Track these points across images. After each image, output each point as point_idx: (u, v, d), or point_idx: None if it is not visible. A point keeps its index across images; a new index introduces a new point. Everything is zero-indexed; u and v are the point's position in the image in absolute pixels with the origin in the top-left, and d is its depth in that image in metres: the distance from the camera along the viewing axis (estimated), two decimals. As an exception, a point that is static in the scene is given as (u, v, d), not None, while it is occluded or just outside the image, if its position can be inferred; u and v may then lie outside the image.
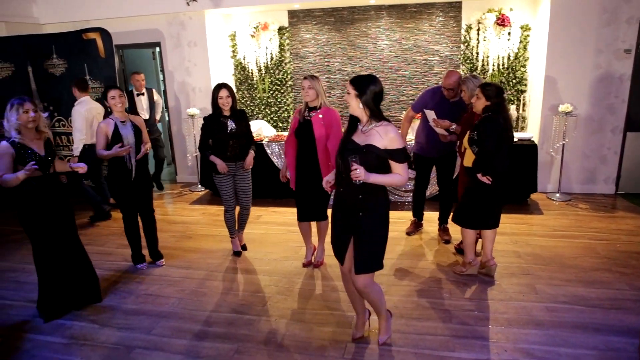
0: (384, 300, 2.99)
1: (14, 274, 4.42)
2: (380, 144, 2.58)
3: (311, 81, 3.76)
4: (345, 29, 6.71)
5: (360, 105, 2.62)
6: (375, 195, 2.68)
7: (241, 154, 4.20)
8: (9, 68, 6.10)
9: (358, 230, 2.70)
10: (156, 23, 6.75)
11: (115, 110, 3.99)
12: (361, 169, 2.49)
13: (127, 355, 3.10)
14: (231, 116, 4.10)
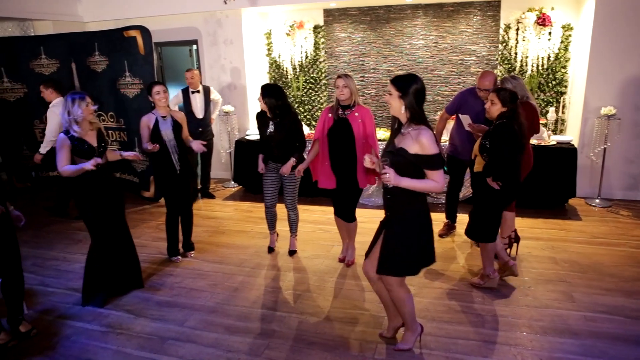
0: (413, 309, 2.89)
1: (56, 262, 4.59)
2: (412, 149, 2.52)
3: (345, 79, 3.76)
4: (380, 28, 6.68)
5: (402, 106, 2.56)
6: (403, 198, 2.61)
7: (284, 156, 4.15)
8: (54, 64, 6.32)
9: (386, 230, 2.72)
10: (194, 21, 6.87)
11: (157, 105, 4.11)
12: (391, 173, 2.46)
13: (161, 346, 3.18)
14: (274, 118, 4.07)
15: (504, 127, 3.42)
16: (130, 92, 5.95)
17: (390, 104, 2.61)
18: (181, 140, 4.22)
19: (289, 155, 4.15)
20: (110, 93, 6.05)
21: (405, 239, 2.67)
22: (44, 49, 6.25)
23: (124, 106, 6.08)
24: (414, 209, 2.66)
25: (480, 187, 3.57)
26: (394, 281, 2.77)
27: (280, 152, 4.14)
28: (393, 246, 2.68)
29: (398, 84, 2.57)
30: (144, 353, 3.12)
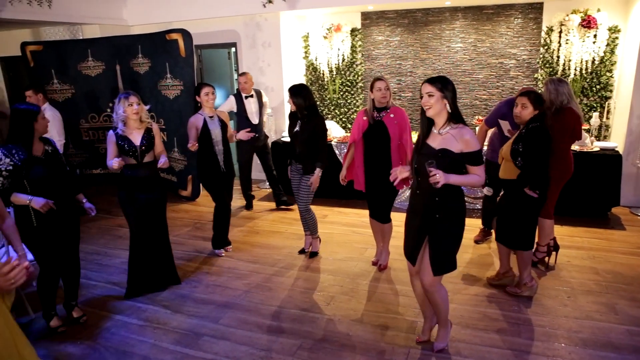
0: (448, 306, 2.94)
1: (98, 256, 4.76)
2: (456, 147, 2.57)
3: (387, 82, 3.79)
4: (418, 31, 6.63)
5: (446, 105, 2.60)
6: (452, 197, 2.68)
7: (307, 157, 4.16)
8: (100, 66, 6.57)
9: (434, 231, 2.71)
10: (233, 24, 7.00)
11: (205, 106, 4.27)
12: (440, 174, 2.49)
13: (196, 342, 3.26)
14: (302, 118, 4.12)
15: (538, 131, 3.35)
16: (170, 93, 6.12)
17: (431, 105, 2.60)
18: (226, 140, 4.37)
19: (310, 157, 4.15)
20: (152, 94, 6.23)
21: (455, 237, 2.75)
22: (91, 51, 6.51)
23: (164, 107, 6.25)
24: (460, 206, 2.74)
25: (513, 193, 3.49)
26: (437, 281, 2.79)
27: (302, 152, 4.16)
28: (446, 246, 2.73)
29: (438, 85, 2.59)
30: (179, 348, 3.21)
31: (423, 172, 2.60)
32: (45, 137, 3.30)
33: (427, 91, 2.60)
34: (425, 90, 2.62)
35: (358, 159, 4.02)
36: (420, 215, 2.75)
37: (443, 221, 2.68)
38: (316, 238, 4.55)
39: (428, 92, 2.60)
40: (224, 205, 4.53)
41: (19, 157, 3.03)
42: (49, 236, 3.20)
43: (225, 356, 3.09)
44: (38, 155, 3.17)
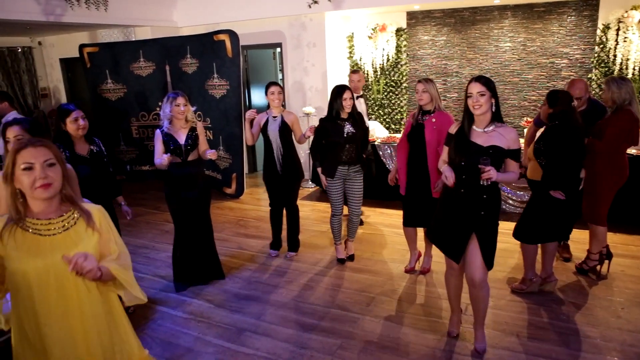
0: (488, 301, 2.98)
1: (146, 250, 4.94)
2: (504, 144, 2.65)
3: (425, 84, 3.68)
4: (465, 31, 6.50)
5: (492, 105, 2.65)
6: (496, 194, 2.76)
7: (356, 158, 4.12)
8: (151, 66, 6.80)
9: (481, 228, 2.74)
10: (279, 25, 7.09)
11: (271, 106, 4.26)
12: (493, 170, 2.55)
13: (238, 337, 3.32)
14: (349, 119, 4.05)
15: (555, 130, 3.30)
16: (217, 92, 6.26)
17: (482, 104, 2.62)
18: (287, 142, 4.27)
19: (359, 155, 4.14)
20: (199, 93, 6.40)
21: (497, 232, 2.83)
22: (143, 52, 6.75)
23: (210, 106, 6.40)
24: (499, 203, 2.82)
25: (540, 194, 3.47)
26: (486, 277, 2.83)
27: (354, 153, 4.09)
28: (493, 241, 2.80)
29: (489, 84, 2.63)
30: (221, 342, 3.28)
31: (471, 170, 2.63)
32: (91, 137, 3.42)
33: (478, 90, 2.60)
34: (475, 89, 2.60)
35: (401, 162, 3.95)
36: (465, 213, 2.76)
37: (488, 218, 2.74)
38: (353, 240, 4.51)
39: (479, 91, 2.59)
40: (274, 206, 4.53)
41: (65, 155, 3.16)
42: None
43: (266, 352, 3.14)
44: (83, 154, 3.29)
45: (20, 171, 1.67)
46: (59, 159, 1.73)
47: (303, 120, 6.93)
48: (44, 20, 5.86)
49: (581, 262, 4.03)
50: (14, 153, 1.67)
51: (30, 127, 2.64)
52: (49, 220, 1.75)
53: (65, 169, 1.75)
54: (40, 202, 1.73)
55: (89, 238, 1.81)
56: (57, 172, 1.72)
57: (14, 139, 2.59)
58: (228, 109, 6.16)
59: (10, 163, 1.67)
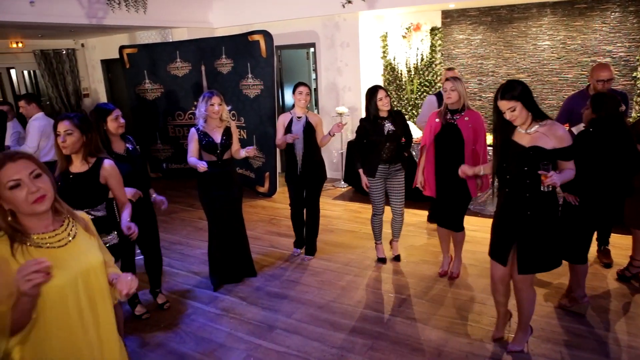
0: (533, 310, 2.88)
1: (181, 246, 5.04)
2: (549, 144, 2.53)
3: (453, 82, 3.61)
4: (502, 29, 6.36)
5: (526, 111, 2.56)
6: (542, 193, 2.60)
7: (397, 156, 4.09)
8: (187, 67, 6.95)
9: (525, 229, 2.66)
10: (312, 25, 7.11)
11: (296, 105, 4.28)
12: (555, 175, 2.45)
13: (269, 334, 3.36)
14: (388, 117, 4.03)
15: (582, 137, 3.17)
16: (251, 92, 6.34)
17: (517, 117, 2.56)
18: (310, 143, 4.26)
19: (402, 150, 4.11)
20: (233, 93, 6.49)
21: (547, 236, 2.67)
22: (179, 53, 6.90)
23: (244, 106, 6.49)
24: (553, 205, 2.67)
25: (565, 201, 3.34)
26: (528, 280, 2.76)
27: (395, 151, 4.07)
28: (537, 244, 2.67)
29: (516, 95, 2.52)
30: (253, 338, 3.32)
31: (514, 171, 2.58)
32: (125, 136, 3.50)
33: (508, 107, 2.54)
34: (504, 107, 2.56)
35: (429, 164, 3.86)
36: (511, 214, 2.70)
37: (534, 219, 2.63)
38: (398, 240, 4.46)
39: (509, 107, 2.54)
40: (294, 206, 4.53)
41: None
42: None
43: (297, 350, 3.16)
44: (120, 152, 3.38)
45: (7, 191, 1.53)
46: (43, 168, 1.63)
47: (336, 120, 6.94)
48: (87, 23, 6.07)
49: (623, 269, 3.88)
50: None
51: (79, 122, 2.73)
52: (55, 232, 1.66)
53: (51, 176, 1.66)
54: (37, 217, 1.61)
55: (92, 243, 1.77)
56: (46, 182, 1.61)
57: (64, 134, 2.68)
58: (262, 108, 6.23)
59: None
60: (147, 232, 3.58)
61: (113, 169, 2.82)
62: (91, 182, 2.78)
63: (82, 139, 2.72)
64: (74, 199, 2.78)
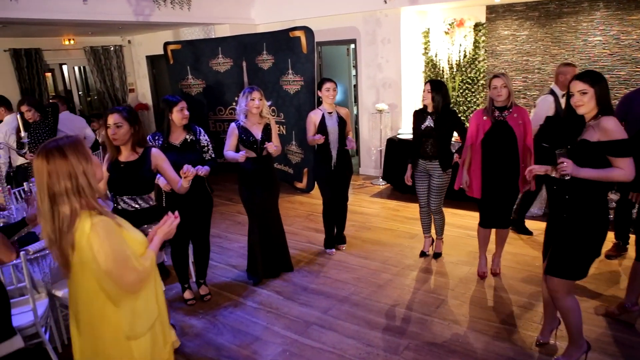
0: (579, 321, 2.69)
1: (220, 240, 5.14)
2: (594, 137, 2.40)
3: (504, 79, 3.54)
4: (550, 24, 6.13)
5: (594, 102, 2.42)
6: (585, 196, 2.46)
7: (435, 154, 4.04)
8: (228, 63, 7.06)
9: (559, 231, 2.57)
10: (353, 21, 7.08)
11: (325, 102, 4.29)
12: (569, 163, 2.34)
13: (305, 330, 3.38)
14: (433, 113, 3.99)
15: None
16: (291, 88, 6.37)
17: (584, 104, 2.43)
18: (343, 137, 4.31)
19: (447, 152, 4.05)
20: (274, 89, 6.54)
21: (582, 242, 2.52)
22: (222, 49, 7.01)
23: (284, 101, 6.53)
24: (595, 210, 2.50)
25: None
26: (561, 287, 2.61)
27: (434, 148, 4.03)
28: (567, 247, 2.55)
29: (590, 80, 2.41)
30: (289, 333, 3.35)
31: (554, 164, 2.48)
32: (191, 127, 3.60)
33: (580, 89, 2.42)
34: (576, 87, 2.43)
35: (475, 163, 3.79)
36: (553, 213, 2.65)
37: (570, 222, 2.51)
38: (441, 239, 4.44)
39: (580, 89, 2.42)
40: (328, 204, 4.52)
41: (159, 143, 3.39)
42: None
43: (332, 347, 3.16)
44: (175, 143, 3.50)
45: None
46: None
47: (375, 117, 6.90)
48: (134, 20, 6.26)
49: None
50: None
51: (128, 114, 2.87)
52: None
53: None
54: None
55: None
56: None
57: (113, 126, 2.82)
58: (302, 104, 6.25)
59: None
60: (200, 222, 3.69)
61: (160, 154, 3.04)
62: (142, 170, 2.94)
63: (130, 131, 2.90)
64: (125, 187, 2.95)
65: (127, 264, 1.74)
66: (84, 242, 1.69)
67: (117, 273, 1.71)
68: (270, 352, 3.16)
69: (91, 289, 1.77)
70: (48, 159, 1.67)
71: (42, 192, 1.69)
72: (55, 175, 1.66)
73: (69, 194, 1.68)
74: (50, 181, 1.67)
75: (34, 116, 5.05)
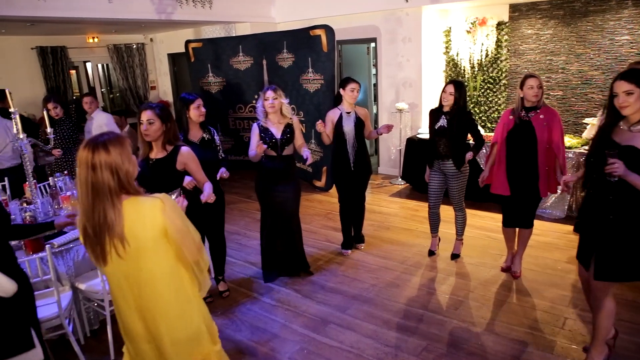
0: (610, 325, 2.66)
1: (239, 236, 5.18)
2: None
3: (540, 79, 3.50)
4: (575, 23, 6.01)
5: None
6: (631, 198, 2.38)
7: (452, 154, 4.02)
8: (249, 61, 7.10)
9: (604, 233, 2.49)
10: (374, 19, 7.04)
11: (345, 101, 4.25)
12: (620, 164, 2.26)
13: (323, 328, 3.38)
14: (448, 113, 3.97)
15: None
16: (311, 87, 6.37)
17: (630, 104, 2.33)
18: (361, 137, 4.28)
19: (461, 151, 4.01)
20: (294, 87, 6.55)
21: (631, 244, 2.44)
22: (242, 47, 7.06)
23: (304, 100, 6.54)
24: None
25: None
26: (607, 289, 2.56)
27: (449, 148, 4.01)
28: (615, 251, 2.47)
29: (633, 79, 2.32)
30: (307, 331, 3.36)
31: (601, 165, 2.37)
32: (207, 126, 3.64)
33: (625, 89, 2.33)
34: (621, 88, 2.34)
35: (499, 161, 3.78)
36: (594, 215, 2.55)
37: (616, 224, 2.43)
38: (461, 240, 4.40)
39: (626, 90, 2.32)
40: (345, 203, 4.50)
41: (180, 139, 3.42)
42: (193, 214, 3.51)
43: (350, 346, 3.16)
44: (194, 140, 3.53)
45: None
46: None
47: (395, 116, 6.86)
48: (157, 18, 6.33)
49: None
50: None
51: (160, 112, 2.92)
52: None
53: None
54: None
55: None
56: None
57: (146, 122, 2.87)
58: (321, 103, 6.25)
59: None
60: (214, 220, 3.72)
61: (190, 153, 3.06)
62: (168, 168, 2.99)
63: (162, 128, 2.96)
64: (152, 184, 2.99)
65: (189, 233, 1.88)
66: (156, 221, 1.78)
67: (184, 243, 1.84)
68: (288, 349, 3.17)
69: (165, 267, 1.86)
70: (93, 153, 1.70)
71: (84, 186, 1.73)
72: (99, 169, 1.70)
73: (111, 189, 1.72)
74: (94, 175, 1.70)
75: (60, 113, 5.15)
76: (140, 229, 1.77)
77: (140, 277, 1.84)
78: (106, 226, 1.73)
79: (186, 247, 1.85)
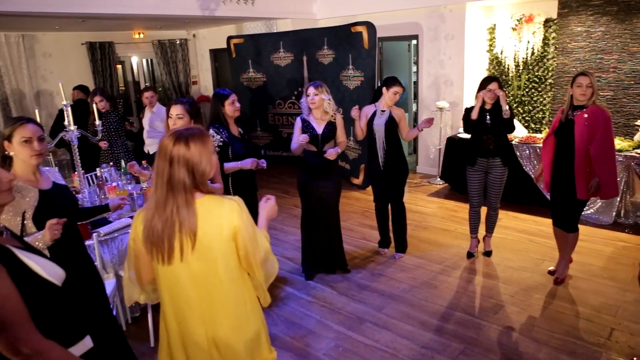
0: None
1: (275, 232, 5.22)
2: None
3: (591, 78, 3.38)
4: (630, 19, 5.74)
5: None
6: None
7: (497, 151, 3.99)
8: (289, 57, 7.14)
9: None
10: (416, 16, 6.95)
11: (385, 101, 4.15)
12: None
13: (359, 326, 3.38)
14: (491, 110, 3.95)
15: None
16: (351, 84, 6.35)
17: None
18: (392, 137, 4.18)
19: (506, 147, 4.01)
20: (333, 84, 6.54)
21: None
22: (283, 43, 7.10)
23: (344, 97, 6.52)
24: None
25: None
26: None
27: (493, 145, 3.99)
28: None
29: None
30: (342, 329, 3.36)
31: None
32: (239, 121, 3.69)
33: None
34: None
35: (546, 158, 3.76)
36: None
37: None
38: (490, 237, 4.40)
39: None
40: (378, 202, 4.44)
41: (225, 135, 3.47)
42: None
43: (385, 345, 3.14)
44: (236, 134, 3.58)
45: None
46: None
47: (435, 115, 6.75)
48: (200, 14, 6.45)
49: None
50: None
51: (190, 107, 2.96)
52: None
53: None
54: None
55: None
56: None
57: (175, 117, 2.92)
58: (361, 100, 6.20)
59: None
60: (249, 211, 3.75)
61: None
62: None
63: (190, 123, 2.96)
64: None
65: (257, 241, 1.79)
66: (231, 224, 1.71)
67: (252, 249, 1.76)
68: (323, 345, 3.19)
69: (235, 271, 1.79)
70: (174, 144, 1.66)
71: (159, 177, 1.68)
72: (176, 163, 1.65)
73: (186, 187, 1.67)
74: (171, 169, 1.66)
75: (106, 106, 5.32)
76: (214, 229, 1.69)
77: (209, 280, 1.75)
78: (178, 222, 1.66)
79: (253, 255, 1.77)
